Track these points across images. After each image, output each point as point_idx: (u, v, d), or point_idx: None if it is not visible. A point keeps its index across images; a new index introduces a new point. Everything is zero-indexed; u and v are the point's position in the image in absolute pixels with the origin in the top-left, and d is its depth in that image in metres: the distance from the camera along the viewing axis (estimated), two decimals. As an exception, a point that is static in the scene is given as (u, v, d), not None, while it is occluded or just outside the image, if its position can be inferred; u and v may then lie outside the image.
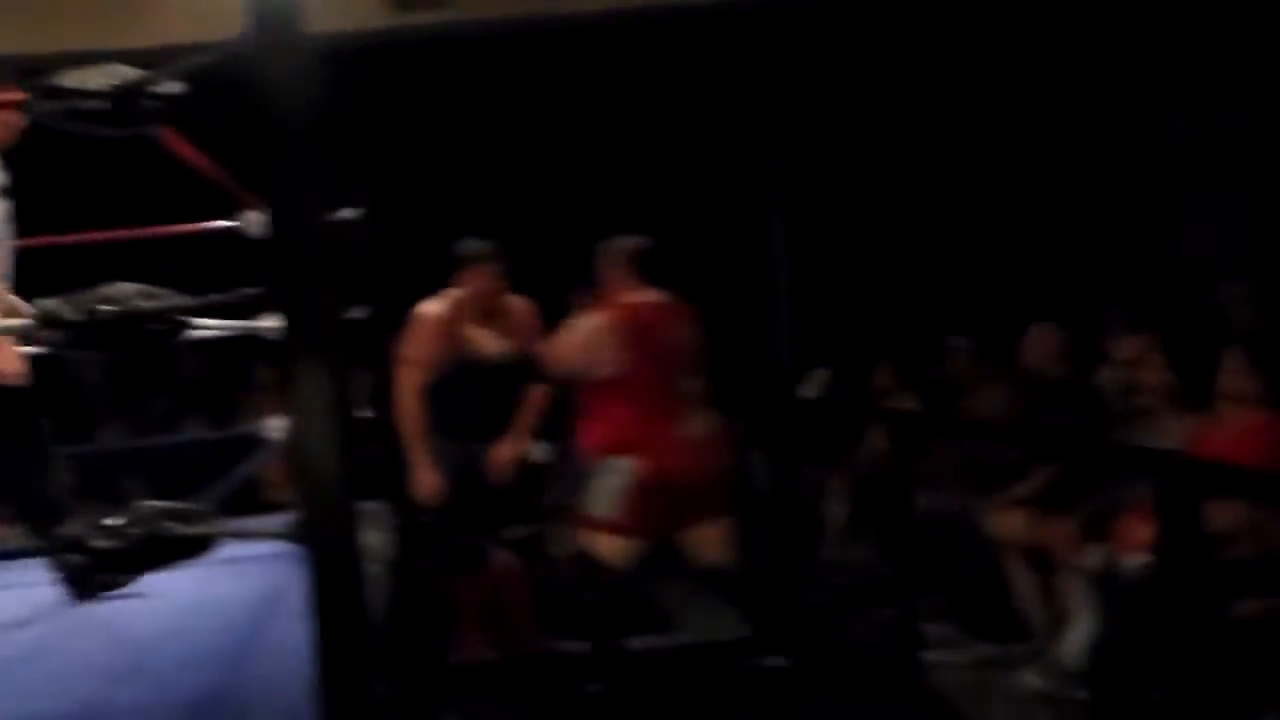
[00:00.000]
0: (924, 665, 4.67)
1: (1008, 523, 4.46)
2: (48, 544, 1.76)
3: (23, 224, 4.08)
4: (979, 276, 7.95)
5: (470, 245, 4.98)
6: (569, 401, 4.99)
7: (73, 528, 1.72)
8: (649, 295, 4.66)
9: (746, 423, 7.77)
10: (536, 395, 5.08)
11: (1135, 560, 3.96)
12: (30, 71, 1.79)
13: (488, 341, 4.96)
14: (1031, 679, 4.33)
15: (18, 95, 1.83)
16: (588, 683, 4.73)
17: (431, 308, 4.94)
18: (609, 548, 4.56)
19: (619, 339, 4.55)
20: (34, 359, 3.97)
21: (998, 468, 5.08)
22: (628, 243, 4.72)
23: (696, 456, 4.53)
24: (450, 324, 4.91)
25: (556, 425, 5.45)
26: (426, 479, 4.81)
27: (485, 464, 4.92)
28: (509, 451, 4.88)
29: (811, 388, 6.65)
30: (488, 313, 4.97)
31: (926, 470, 5.51)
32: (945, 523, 5.24)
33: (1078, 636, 4.21)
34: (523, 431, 5.06)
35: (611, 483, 4.54)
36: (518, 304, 5.07)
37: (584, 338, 4.61)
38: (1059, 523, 4.47)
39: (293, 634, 2.32)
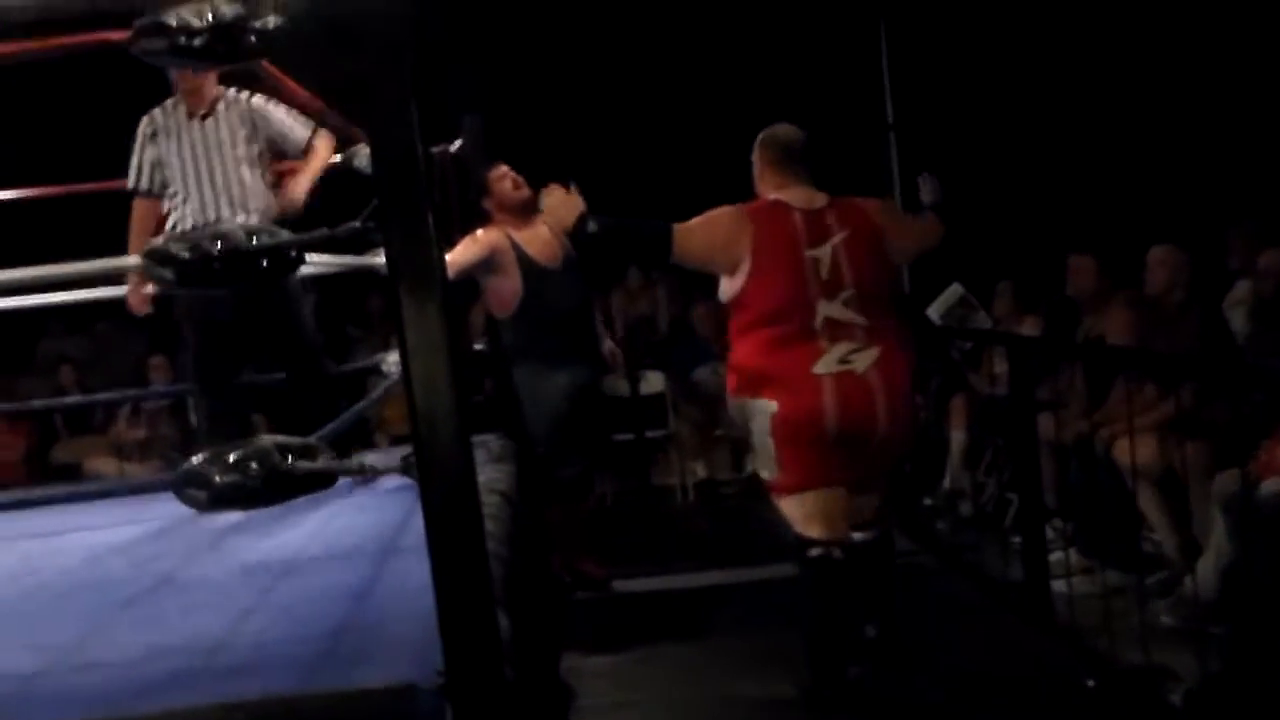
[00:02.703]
0: (1053, 595, 4.57)
1: (1137, 448, 4.32)
2: (171, 478, 1.78)
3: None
4: (1101, 192, 7.71)
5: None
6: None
7: (196, 462, 1.72)
8: (803, 195, 3.85)
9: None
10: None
11: (1273, 485, 3.82)
12: (131, 13, 1.79)
13: (533, 245, 4.98)
14: (1164, 615, 4.21)
15: (119, 34, 1.82)
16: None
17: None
18: (789, 509, 3.77)
19: (746, 241, 3.74)
20: (157, 299, 4.09)
21: (1124, 391, 4.93)
22: (781, 130, 3.97)
23: (848, 400, 3.63)
24: (491, 235, 4.94)
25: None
26: None
27: (577, 392, 4.93)
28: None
29: (941, 305, 6.49)
30: (521, 219, 4.99)
31: (1050, 394, 5.38)
32: (1071, 448, 5.11)
33: (1212, 565, 4.08)
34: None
35: (757, 431, 3.76)
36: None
37: (708, 230, 3.80)
38: (1191, 447, 4.32)
39: (415, 568, 2.32)
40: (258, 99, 4.10)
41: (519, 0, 7.97)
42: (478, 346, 5.10)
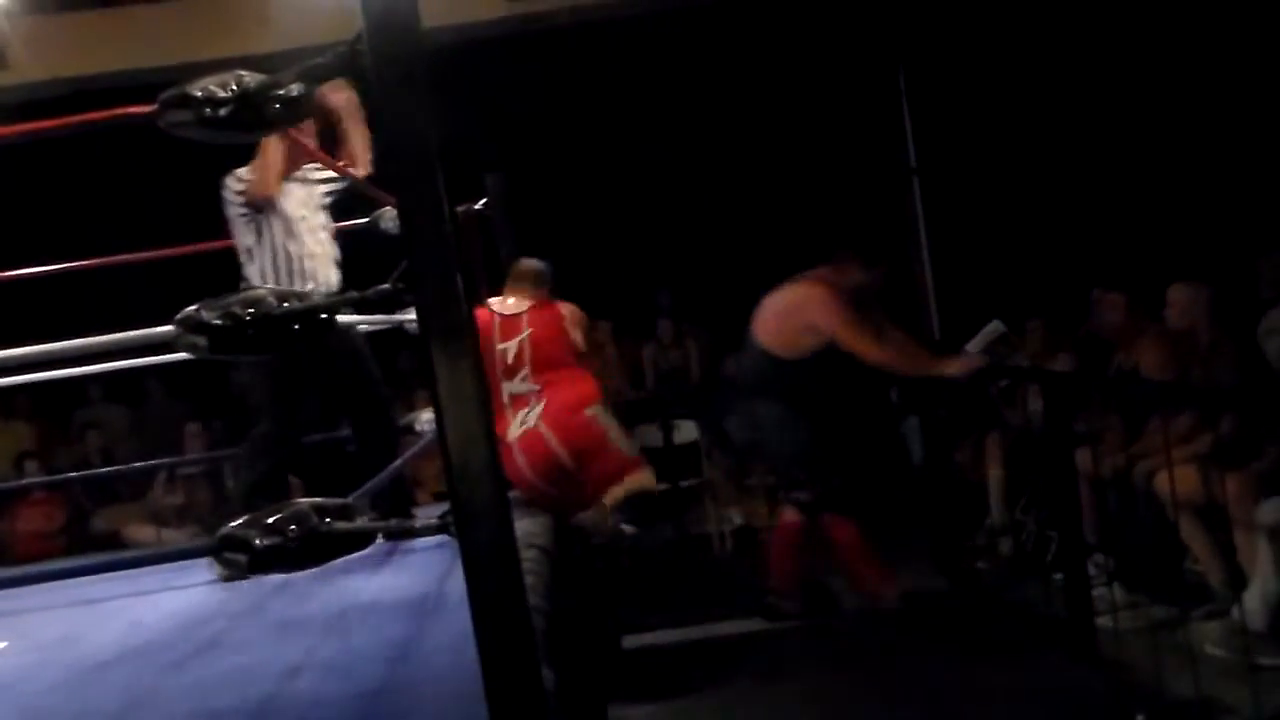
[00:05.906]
0: (1098, 630, 4.52)
1: (1177, 479, 4.28)
2: (210, 543, 1.78)
3: (161, 234, 4.26)
4: (1127, 229, 7.68)
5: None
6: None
7: (233, 526, 1.73)
8: (510, 304, 4.83)
9: (897, 390, 7.67)
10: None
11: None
12: (157, 85, 1.81)
13: None
14: (1212, 647, 4.15)
15: (146, 108, 1.84)
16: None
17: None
18: None
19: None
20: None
21: (1161, 423, 4.90)
22: (523, 261, 4.95)
23: (531, 455, 4.58)
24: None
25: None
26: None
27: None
28: None
29: (981, 342, 6.45)
30: None
31: (1086, 429, 5.34)
32: (1109, 482, 5.07)
33: (1260, 595, 4.03)
34: None
35: None
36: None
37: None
38: (1232, 478, 4.28)
39: (456, 625, 2.33)
40: None
41: (538, 57, 8.03)
42: None
